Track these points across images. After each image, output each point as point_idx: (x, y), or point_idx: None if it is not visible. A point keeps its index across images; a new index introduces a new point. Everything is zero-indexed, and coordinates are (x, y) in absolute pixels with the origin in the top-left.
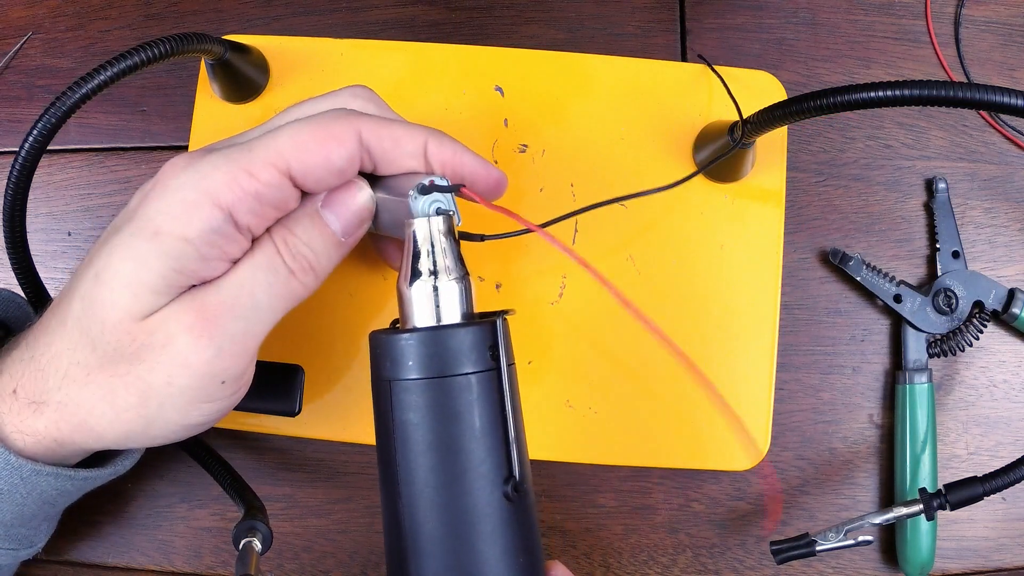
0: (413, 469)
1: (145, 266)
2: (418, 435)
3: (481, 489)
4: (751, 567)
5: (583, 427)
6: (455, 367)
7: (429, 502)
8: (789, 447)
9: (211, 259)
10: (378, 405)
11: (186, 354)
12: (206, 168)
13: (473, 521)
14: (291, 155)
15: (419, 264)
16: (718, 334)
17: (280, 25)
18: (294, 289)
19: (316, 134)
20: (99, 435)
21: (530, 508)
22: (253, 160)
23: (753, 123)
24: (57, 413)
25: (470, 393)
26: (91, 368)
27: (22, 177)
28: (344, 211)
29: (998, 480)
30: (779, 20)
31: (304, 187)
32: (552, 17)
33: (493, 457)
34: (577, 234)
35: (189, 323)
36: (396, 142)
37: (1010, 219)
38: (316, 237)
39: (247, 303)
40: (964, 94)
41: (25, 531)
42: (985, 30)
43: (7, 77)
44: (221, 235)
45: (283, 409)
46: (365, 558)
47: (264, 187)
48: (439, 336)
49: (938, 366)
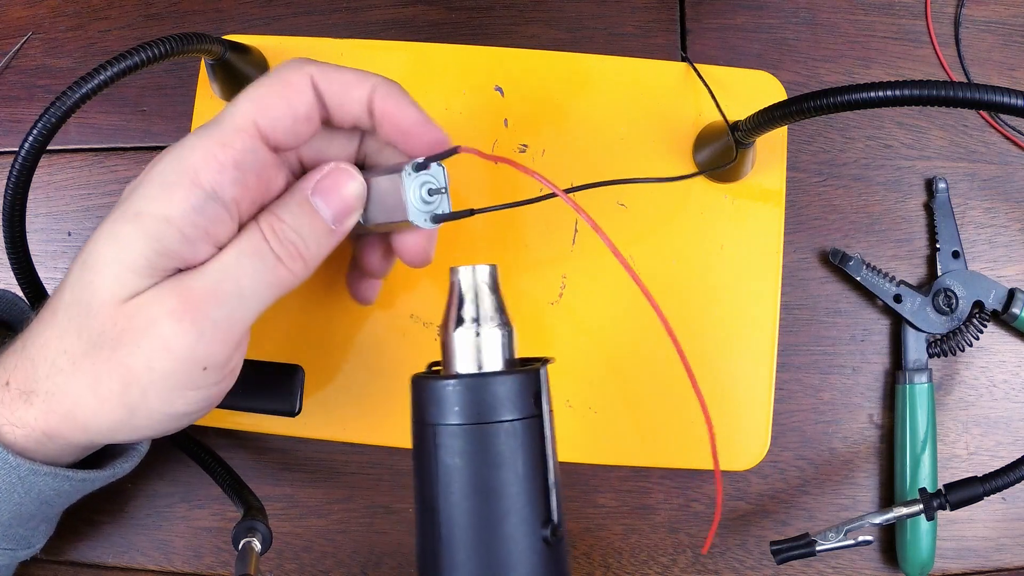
0: (455, 512)
1: (127, 248)
2: (462, 479)
3: (522, 533)
4: (751, 567)
5: (583, 427)
6: (500, 413)
7: (470, 544)
8: (789, 447)
9: (195, 240)
10: (420, 448)
11: (167, 338)
12: (184, 151)
13: (513, 563)
14: (255, 113)
15: (463, 311)
16: (718, 334)
17: (280, 25)
18: (282, 277)
19: (272, 87)
20: (84, 426)
21: (565, 550)
22: (223, 130)
23: (752, 124)
24: (46, 404)
25: (514, 439)
26: (77, 356)
27: (22, 177)
28: (334, 197)
29: (998, 480)
30: (779, 20)
31: (277, 143)
32: (552, 17)
33: (534, 502)
34: (577, 234)
35: (171, 307)
36: (345, 87)
37: (1010, 219)
38: (305, 223)
39: (231, 289)
40: (964, 94)
41: (23, 531)
42: (985, 30)
43: (7, 77)
44: (204, 215)
45: (283, 409)
46: (365, 558)
47: (239, 153)
48: (485, 383)
49: (938, 366)
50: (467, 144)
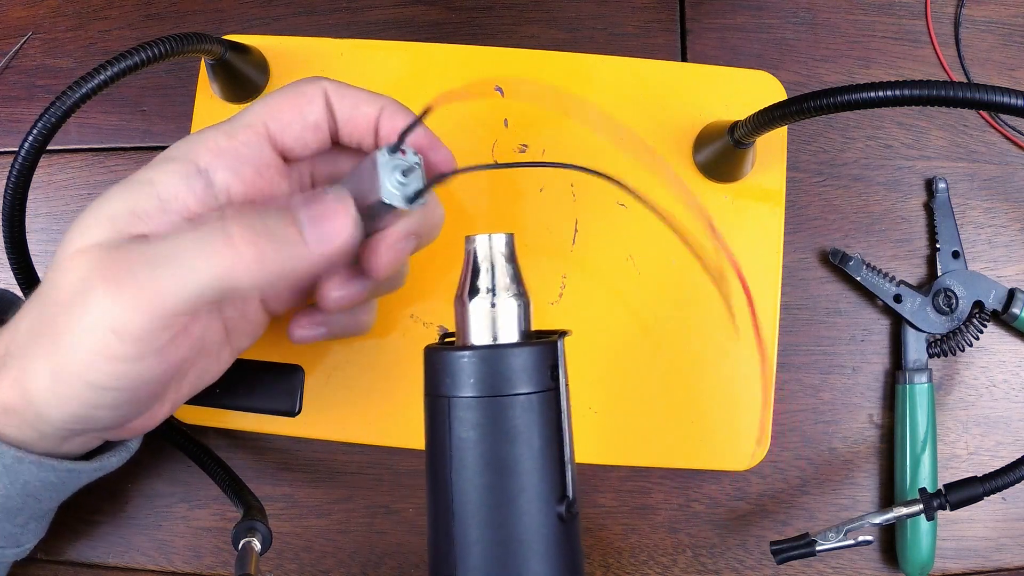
0: (468, 487)
1: (104, 203)
2: (476, 453)
3: (537, 509)
4: (751, 567)
5: (583, 427)
6: (516, 386)
7: (483, 520)
8: (789, 447)
9: (169, 207)
10: (433, 421)
11: (88, 293)
12: (193, 137)
13: (527, 540)
14: (267, 115)
15: (478, 281)
16: (718, 334)
17: (280, 25)
18: (225, 258)
19: (286, 94)
20: (27, 394)
21: (578, 528)
22: (233, 125)
23: (752, 124)
24: (9, 372)
25: (530, 413)
26: (33, 315)
27: (22, 177)
28: (318, 209)
29: (998, 480)
30: (779, 20)
31: (284, 148)
32: (552, 17)
33: (549, 477)
34: (577, 234)
35: (105, 263)
36: (355, 104)
37: (1010, 219)
38: (275, 218)
39: (167, 254)
40: (964, 94)
41: (11, 528)
42: (985, 30)
43: (7, 77)
44: (186, 185)
45: (283, 409)
46: (365, 558)
47: (241, 145)
48: (501, 355)
49: (938, 366)
50: (466, 145)
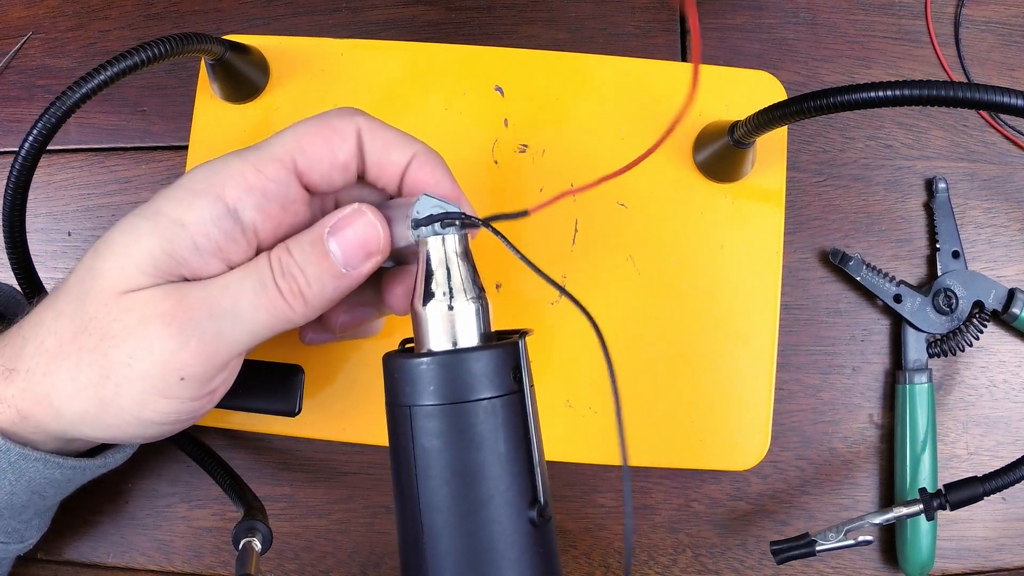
0: (435, 498)
1: (138, 241)
2: (441, 462)
3: (507, 516)
4: (751, 567)
5: (583, 427)
6: (478, 391)
7: (453, 530)
8: (789, 447)
9: (205, 252)
10: (395, 431)
11: (152, 338)
12: (218, 164)
13: (500, 548)
14: (296, 150)
15: (433, 284)
16: (718, 334)
17: (280, 25)
18: (280, 310)
19: (320, 129)
20: (57, 411)
21: (552, 532)
22: (260, 157)
23: (752, 124)
24: (25, 381)
25: (494, 418)
26: (65, 338)
27: (22, 177)
28: (348, 238)
29: (998, 480)
30: (779, 20)
31: (310, 184)
32: (552, 17)
33: (519, 483)
34: (577, 234)
35: (164, 309)
36: (386, 146)
37: (1010, 219)
38: (312, 263)
39: (226, 306)
40: (964, 94)
41: (16, 524)
42: (985, 30)
43: (7, 77)
44: (219, 228)
45: (283, 409)
46: (365, 558)
47: (270, 182)
48: (460, 360)
49: (938, 366)
50: (467, 145)
